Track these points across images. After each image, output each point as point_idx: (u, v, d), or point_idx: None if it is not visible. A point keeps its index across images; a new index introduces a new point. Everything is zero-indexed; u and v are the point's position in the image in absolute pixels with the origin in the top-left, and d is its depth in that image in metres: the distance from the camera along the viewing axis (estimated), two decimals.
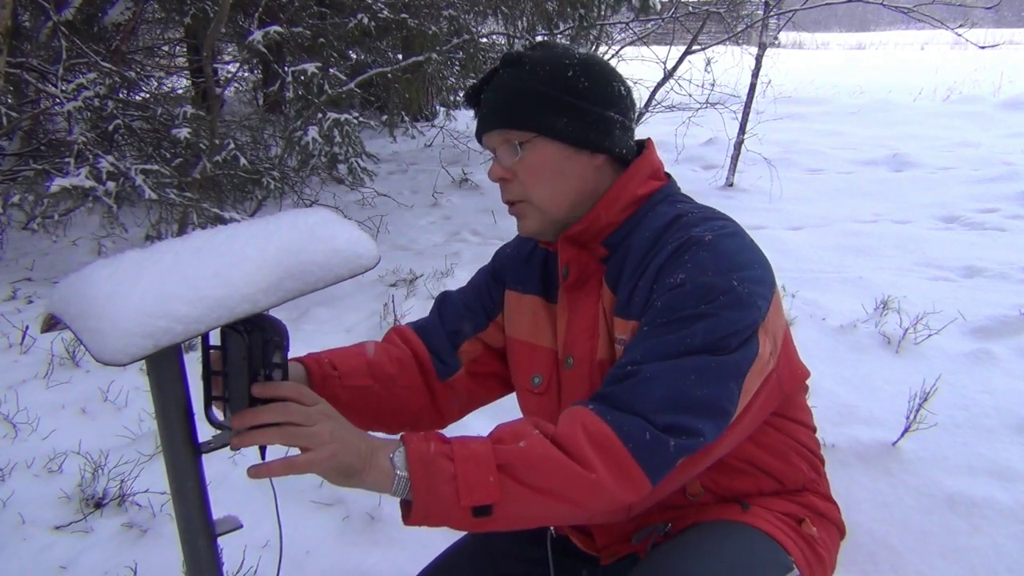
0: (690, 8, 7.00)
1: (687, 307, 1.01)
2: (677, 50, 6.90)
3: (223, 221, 4.07)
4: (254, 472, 0.86)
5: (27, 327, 3.25)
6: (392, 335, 1.31)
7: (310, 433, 0.86)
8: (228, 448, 0.89)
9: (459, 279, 3.93)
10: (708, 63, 6.68)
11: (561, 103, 1.12)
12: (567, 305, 1.20)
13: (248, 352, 0.86)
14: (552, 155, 1.12)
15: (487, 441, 0.95)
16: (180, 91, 7.16)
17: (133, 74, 5.31)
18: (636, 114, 1.22)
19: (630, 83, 1.25)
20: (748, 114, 5.97)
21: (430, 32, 5.60)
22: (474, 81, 1.21)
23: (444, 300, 1.35)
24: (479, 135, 1.19)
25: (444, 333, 1.29)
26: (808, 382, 1.27)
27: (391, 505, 2.09)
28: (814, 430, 1.29)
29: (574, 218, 1.15)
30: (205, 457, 0.88)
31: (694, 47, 6.69)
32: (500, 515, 0.92)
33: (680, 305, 1.01)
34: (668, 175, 1.21)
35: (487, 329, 1.31)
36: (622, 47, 7.77)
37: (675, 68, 6.75)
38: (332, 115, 4.78)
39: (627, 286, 1.10)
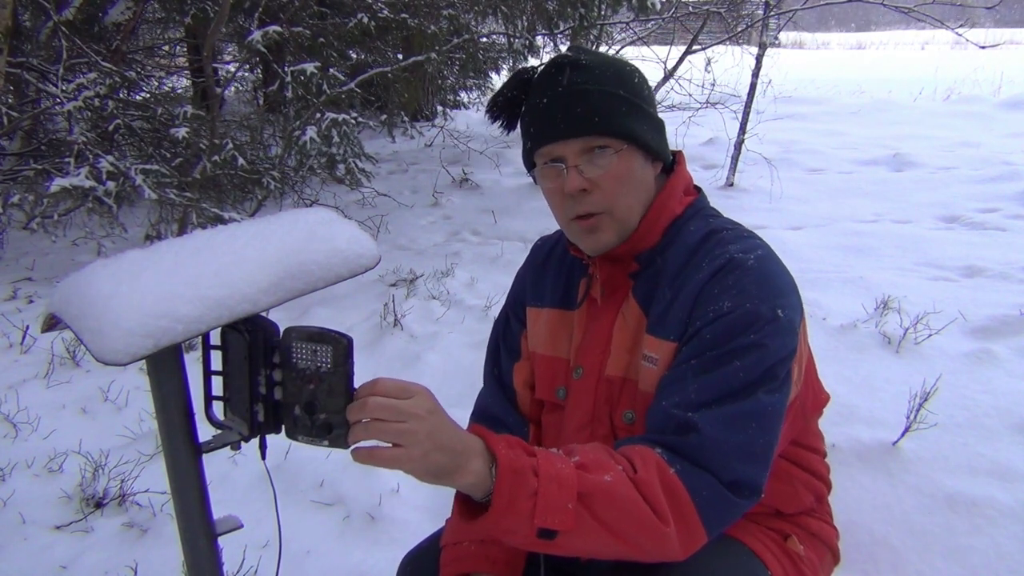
0: (690, 8, 7.00)
1: (735, 337, 0.98)
2: (677, 50, 6.91)
3: (223, 221, 4.07)
4: (359, 457, 0.82)
5: (27, 327, 3.25)
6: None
7: (402, 430, 0.81)
8: (228, 448, 0.89)
9: (459, 279, 3.93)
10: (708, 63, 6.69)
11: (642, 111, 1.08)
12: (586, 315, 1.18)
13: (248, 352, 0.85)
14: (637, 164, 1.08)
15: (570, 463, 0.90)
16: (180, 91, 7.17)
17: (133, 74, 5.32)
18: None
19: None
20: (748, 114, 5.96)
21: (430, 32, 5.61)
22: (479, 84, 1.17)
23: (481, 395, 1.33)
24: (547, 142, 1.08)
25: (502, 401, 1.27)
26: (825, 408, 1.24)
27: (391, 505, 2.09)
28: (824, 455, 1.27)
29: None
30: (205, 457, 0.88)
31: (694, 47, 6.69)
32: (562, 542, 0.88)
33: (728, 335, 0.99)
34: (698, 188, 1.19)
35: (521, 360, 1.27)
36: (622, 47, 7.78)
37: (675, 68, 6.75)
38: (331, 115, 4.79)
39: (660, 304, 1.07)
